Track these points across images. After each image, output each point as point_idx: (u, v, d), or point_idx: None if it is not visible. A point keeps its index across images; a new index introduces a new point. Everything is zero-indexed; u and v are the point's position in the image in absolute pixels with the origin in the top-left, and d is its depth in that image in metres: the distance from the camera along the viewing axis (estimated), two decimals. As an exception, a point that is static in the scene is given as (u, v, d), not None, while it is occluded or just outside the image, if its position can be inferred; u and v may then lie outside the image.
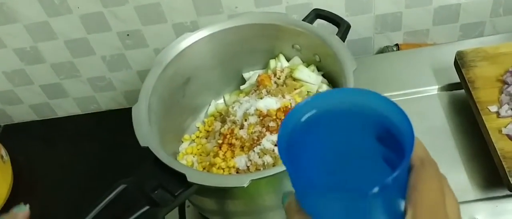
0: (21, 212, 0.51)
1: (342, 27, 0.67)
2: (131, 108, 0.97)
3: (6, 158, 0.89)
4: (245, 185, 0.51)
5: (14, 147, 0.94)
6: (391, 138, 0.29)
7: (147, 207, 0.53)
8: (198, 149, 0.71)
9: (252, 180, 0.51)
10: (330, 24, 0.69)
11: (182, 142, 0.74)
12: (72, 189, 0.87)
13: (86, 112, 1.00)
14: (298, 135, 0.31)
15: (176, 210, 0.72)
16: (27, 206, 0.51)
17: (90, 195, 0.55)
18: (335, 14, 0.68)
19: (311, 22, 0.69)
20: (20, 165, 0.92)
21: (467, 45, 0.81)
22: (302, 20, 0.69)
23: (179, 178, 0.53)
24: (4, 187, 0.86)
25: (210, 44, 0.71)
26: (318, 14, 0.69)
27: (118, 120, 0.97)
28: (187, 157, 0.70)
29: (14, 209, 0.50)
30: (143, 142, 0.56)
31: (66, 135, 0.98)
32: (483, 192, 0.66)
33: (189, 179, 0.52)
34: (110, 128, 0.96)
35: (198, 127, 0.75)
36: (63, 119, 1.01)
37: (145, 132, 0.58)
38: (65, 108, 1.00)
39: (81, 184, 0.87)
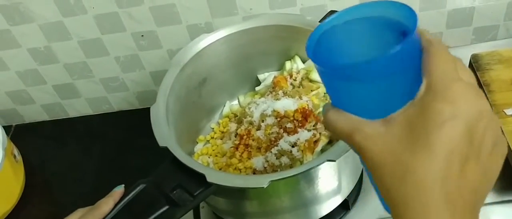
0: (118, 190, 0.54)
1: (359, 29, 0.67)
2: (143, 109, 0.98)
3: (19, 157, 0.89)
4: (265, 186, 0.51)
5: (26, 147, 0.94)
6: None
7: (166, 207, 0.53)
8: (213, 150, 0.71)
9: (272, 181, 0.51)
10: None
11: (197, 143, 0.74)
12: (84, 189, 0.87)
13: (98, 113, 1.00)
14: (325, 40, 0.35)
15: (190, 211, 0.72)
16: (123, 185, 0.55)
17: (102, 195, 0.55)
18: (352, 16, 0.68)
19: (328, 24, 0.69)
20: (32, 165, 0.92)
21: (481, 48, 0.81)
22: (319, 21, 0.69)
23: (198, 178, 0.53)
24: (17, 186, 0.86)
25: (226, 45, 0.71)
26: (334, 16, 0.69)
27: (130, 121, 0.98)
28: (202, 158, 0.70)
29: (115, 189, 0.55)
30: (161, 142, 0.57)
31: (77, 135, 0.98)
32: (499, 195, 0.66)
33: (208, 179, 0.52)
34: (121, 129, 0.97)
35: (213, 128, 0.75)
36: (75, 119, 1.01)
37: (164, 132, 0.58)
38: (77, 108, 1.00)
39: (92, 184, 0.88)
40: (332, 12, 0.70)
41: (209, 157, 0.70)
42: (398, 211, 0.31)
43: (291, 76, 0.71)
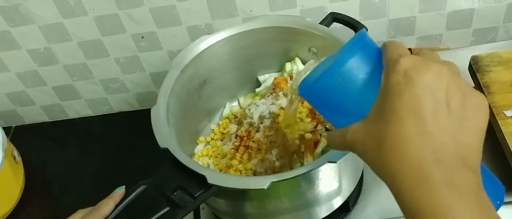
0: (119, 191, 0.55)
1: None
2: (143, 110, 0.98)
3: (18, 159, 0.89)
4: (266, 187, 0.51)
5: (25, 148, 0.94)
6: None
7: (167, 208, 0.53)
8: (213, 151, 0.71)
9: (272, 182, 0.51)
10: (345, 27, 0.70)
11: (197, 144, 0.74)
12: (84, 190, 0.87)
13: (98, 114, 1.00)
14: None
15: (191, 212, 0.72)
16: (124, 186, 0.55)
17: (102, 196, 0.55)
18: (352, 18, 0.68)
19: (328, 25, 0.69)
20: (32, 166, 0.92)
21: (480, 50, 0.81)
22: (319, 23, 0.69)
23: (199, 179, 0.53)
24: (17, 187, 0.86)
25: (226, 46, 0.71)
26: (335, 17, 0.69)
27: (130, 122, 0.98)
28: (202, 159, 0.70)
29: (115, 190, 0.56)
30: (162, 143, 0.57)
31: (77, 137, 0.98)
32: (499, 197, 0.66)
33: (209, 181, 0.52)
34: (122, 130, 0.97)
35: (213, 130, 0.76)
36: (75, 120, 1.01)
37: (165, 133, 0.58)
38: (77, 109, 1.00)
39: (92, 185, 0.88)
40: (332, 14, 0.70)
41: (209, 159, 0.71)
42: (389, 183, 0.34)
43: (291, 78, 0.71)
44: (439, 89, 0.33)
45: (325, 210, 0.64)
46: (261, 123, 0.67)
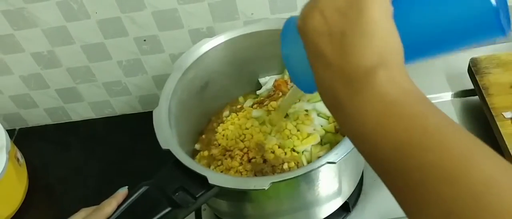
0: (121, 191, 0.56)
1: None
2: (145, 112, 0.99)
3: (22, 161, 0.90)
4: (266, 188, 0.52)
5: (29, 150, 0.95)
6: None
7: (168, 209, 0.53)
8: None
9: (273, 182, 0.52)
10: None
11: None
12: (87, 193, 0.88)
13: (101, 117, 1.01)
14: None
15: (192, 213, 0.73)
16: (126, 187, 0.56)
17: (104, 198, 0.55)
18: (352, 21, 0.69)
19: (328, 28, 0.69)
20: (35, 168, 0.93)
21: (480, 52, 0.81)
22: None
23: (200, 180, 0.54)
24: (20, 190, 0.87)
25: (228, 49, 0.72)
26: (335, 20, 0.70)
27: (132, 125, 0.99)
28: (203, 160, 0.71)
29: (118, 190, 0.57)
30: (164, 145, 0.57)
31: (80, 139, 0.99)
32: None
33: (210, 181, 0.53)
34: (124, 133, 0.97)
35: (215, 131, 0.76)
36: (78, 123, 1.02)
37: (166, 135, 0.59)
38: (80, 112, 1.01)
39: (95, 188, 0.88)
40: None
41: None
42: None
43: (291, 80, 0.72)
44: (320, 25, 0.36)
45: (325, 211, 0.65)
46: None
